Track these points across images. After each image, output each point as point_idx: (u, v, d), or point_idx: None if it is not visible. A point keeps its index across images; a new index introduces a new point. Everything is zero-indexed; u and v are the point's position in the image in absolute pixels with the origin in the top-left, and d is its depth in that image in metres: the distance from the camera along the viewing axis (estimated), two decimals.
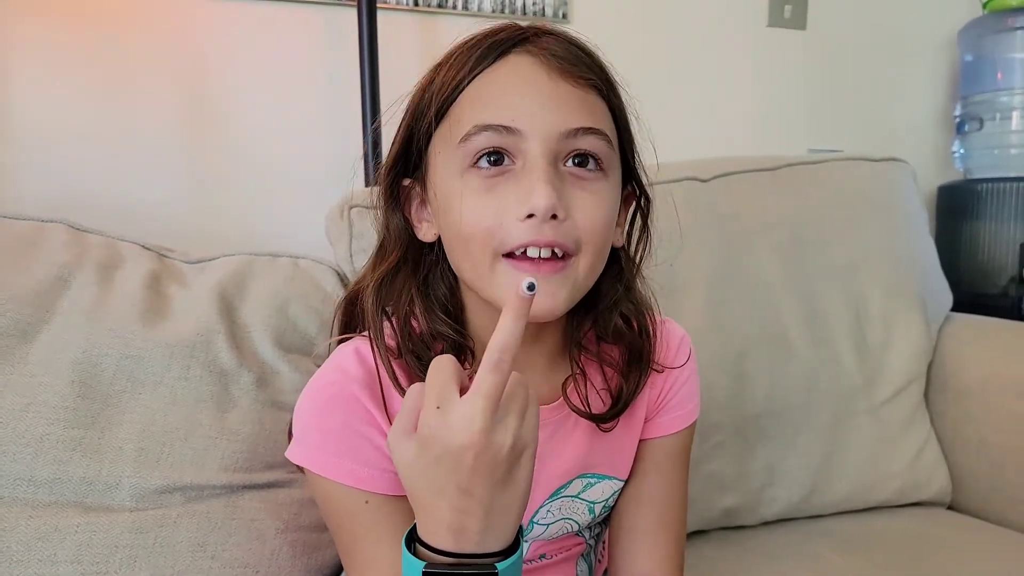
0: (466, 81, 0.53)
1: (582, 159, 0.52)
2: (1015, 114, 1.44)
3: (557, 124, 0.51)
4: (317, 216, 0.94)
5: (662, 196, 0.62)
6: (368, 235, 0.84)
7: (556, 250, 0.51)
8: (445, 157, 0.53)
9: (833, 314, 1.07)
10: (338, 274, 0.87)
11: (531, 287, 0.41)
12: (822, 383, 1.04)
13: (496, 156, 0.51)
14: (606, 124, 0.54)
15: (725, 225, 1.04)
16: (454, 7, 1.21)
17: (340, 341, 0.60)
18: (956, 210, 1.48)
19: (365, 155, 0.99)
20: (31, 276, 0.72)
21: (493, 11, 1.23)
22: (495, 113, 0.51)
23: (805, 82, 1.48)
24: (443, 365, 0.44)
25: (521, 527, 0.46)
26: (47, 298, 0.71)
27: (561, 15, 1.27)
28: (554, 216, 0.50)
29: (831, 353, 1.05)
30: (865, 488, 1.05)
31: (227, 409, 0.73)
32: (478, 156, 0.51)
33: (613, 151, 0.54)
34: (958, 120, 1.53)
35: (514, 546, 0.45)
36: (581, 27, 1.39)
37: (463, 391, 0.42)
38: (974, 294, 1.40)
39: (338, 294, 0.83)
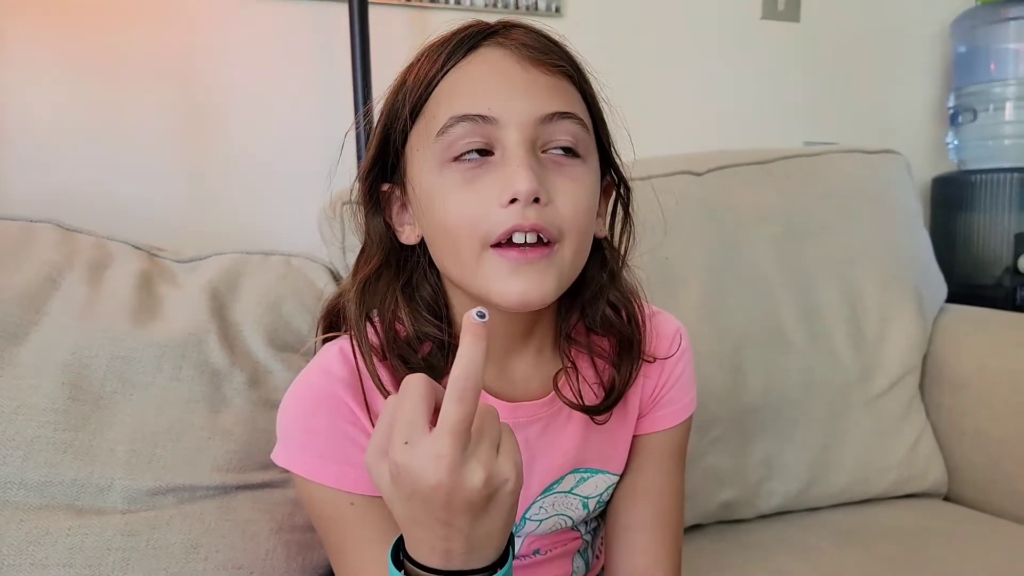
0: (439, 76, 0.53)
1: (559, 145, 0.53)
2: (1008, 105, 1.44)
3: (532, 111, 0.51)
4: (310, 214, 0.94)
5: (657, 190, 0.62)
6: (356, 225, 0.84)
7: (541, 235, 0.51)
8: (423, 154, 0.53)
9: (828, 307, 1.07)
10: (331, 272, 0.86)
11: (481, 315, 0.40)
12: (818, 376, 1.04)
13: (474, 147, 0.51)
14: (580, 109, 0.54)
15: (720, 218, 1.04)
16: (446, 1, 1.20)
17: (325, 340, 0.60)
18: (950, 201, 1.48)
19: (357, 150, 0.98)
20: (20, 276, 0.71)
21: (485, 5, 1.23)
22: (470, 103, 0.51)
23: (799, 74, 1.48)
24: (413, 388, 0.42)
25: (511, 533, 0.46)
26: (37, 299, 0.71)
27: (554, 9, 1.26)
28: (536, 200, 0.50)
29: (827, 346, 1.05)
30: (862, 480, 1.05)
31: (219, 409, 0.72)
32: (457, 148, 0.51)
33: (589, 136, 0.54)
34: (952, 111, 1.53)
35: (503, 559, 0.44)
36: (574, 21, 1.39)
37: (438, 408, 0.41)
38: (969, 285, 1.40)
39: (331, 292, 0.83)
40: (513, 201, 0.49)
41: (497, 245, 0.51)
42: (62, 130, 1.05)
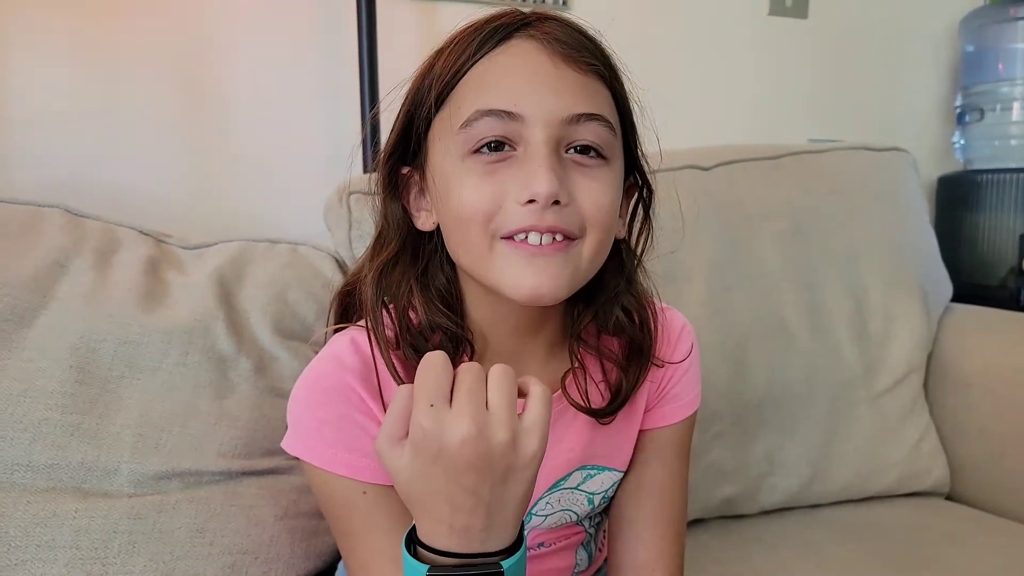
0: (467, 66, 0.52)
1: (584, 147, 0.52)
2: (1016, 105, 1.44)
3: (559, 110, 0.50)
4: (316, 202, 0.94)
5: (663, 184, 0.62)
6: (367, 221, 0.84)
7: (557, 235, 0.50)
8: (445, 143, 0.52)
9: (833, 303, 1.07)
10: (337, 260, 0.86)
11: None
12: (822, 372, 1.04)
13: (497, 143, 0.50)
14: (608, 111, 0.53)
15: (726, 214, 1.04)
16: None
17: (336, 330, 0.60)
18: (956, 201, 1.48)
19: (364, 141, 0.98)
20: (28, 261, 0.71)
21: None
22: (496, 98, 0.50)
23: (806, 71, 1.48)
24: (433, 362, 0.43)
25: (522, 522, 0.46)
26: (44, 283, 0.71)
27: (562, 2, 1.26)
28: (556, 202, 0.49)
29: (831, 342, 1.05)
30: (864, 478, 1.05)
31: (226, 395, 0.72)
32: (479, 142, 0.50)
33: (615, 138, 0.53)
34: (959, 110, 1.52)
35: (518, 543, 0.44)
36: (581, 14, 1.38)
37: (455, 382, 0.42)
38: (974, 285, 1.40)
39: (337, 280, 0.83)
40: (531, 201, 0.49)
41: (509, 237, 0.51)
42: (69, 119, 1.05)
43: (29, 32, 1.02)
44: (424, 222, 0.57)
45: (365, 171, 0.97)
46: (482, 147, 0.50)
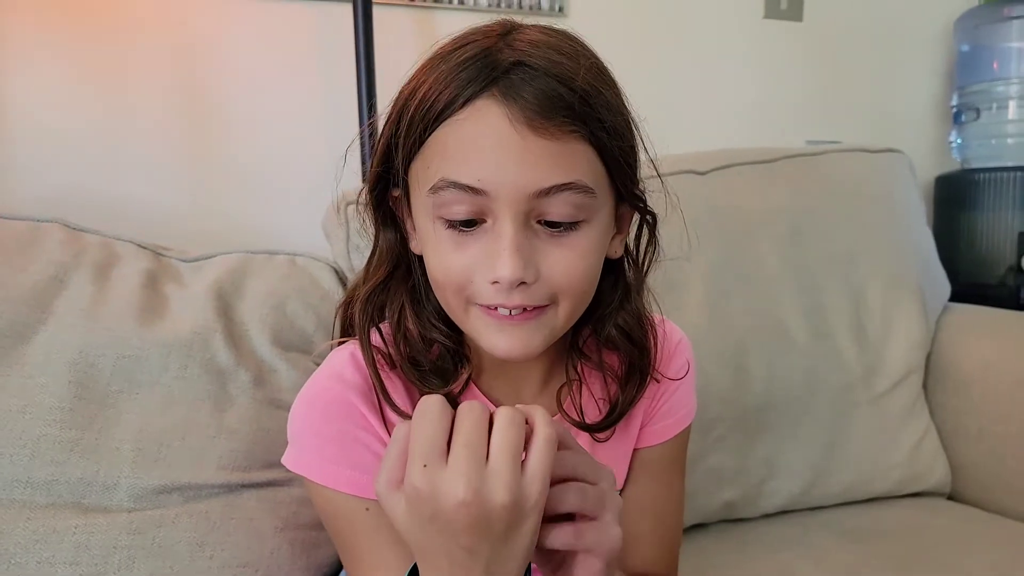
0: (430, 130, 0.49)
1: (555, 220, 0.49)
2: (1012, 103, 1.44)
3: (526, 185, 0.47)
4: (314, 213, 0.94)
5: (660, 191, 0.61)
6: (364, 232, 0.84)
7: (527, 307, 0.50)
8: (419, 195, 0.51)
9: (832, 306, 1.07)
10: (336, 271, 0.86)
11: None
12: (821, 375, 1.04)
13: (463, 217, 0.48)
14: (586, 169, 0.49)
15: (723, 218, 1.04)
16: (450, 1, 1.20)
17: (339, 343, 0.59)
18: (954, 200, 1.48)
19: (362, 152, 0.98)
20: (27, 276, 0.71)
21: (489, 5, 1.23)
22: (461, 170, 0.47)
23: (802, 74, 1.48)
24: (427, 410, 0.41)
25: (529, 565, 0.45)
26: (43, 298, 0.71)
27: (558, 8, 1.26)
28: (523, 282, 0.48)
29: (830, 345, 1.05)
30: (865, 479, 1.05)
31: (225, 408, 0.72)
32: (448, 215, 0.49)
33: (594, 196, 0.49)
34: (955, 110, 1.52)
35: None
36: (577, 20, 1.38)
37: (453, 427, 0.40)
38: (972, 284, 1.40)
39: (336, 291, 0.83)
40: (497, 282, 0.48)
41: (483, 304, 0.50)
42: (68, 132, 1.05)
43: (29, 47, 1.02)
44: (416, 246, 0.56)
45: (364, 182, 0.97)
46: (450, 219, 0.49)
